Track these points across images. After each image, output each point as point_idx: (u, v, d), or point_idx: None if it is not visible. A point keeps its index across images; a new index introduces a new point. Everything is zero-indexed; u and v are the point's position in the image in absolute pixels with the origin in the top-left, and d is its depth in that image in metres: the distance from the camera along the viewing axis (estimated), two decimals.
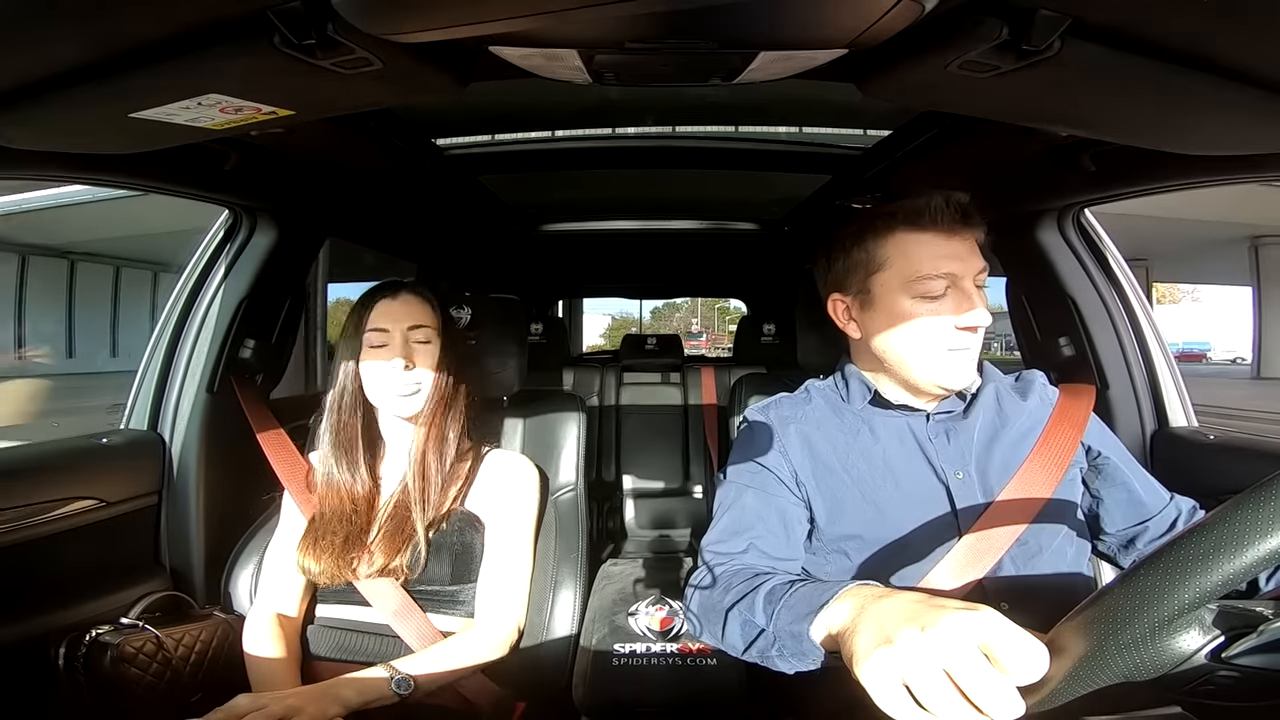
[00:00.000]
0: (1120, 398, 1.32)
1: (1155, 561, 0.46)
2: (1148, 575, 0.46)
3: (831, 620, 0.65)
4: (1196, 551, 0.45)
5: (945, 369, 0.91)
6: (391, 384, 1.09)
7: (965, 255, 0.90)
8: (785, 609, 0.73)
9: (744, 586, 0.83)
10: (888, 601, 0.60)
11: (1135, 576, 0.47)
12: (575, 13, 0.58)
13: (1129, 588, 0.47)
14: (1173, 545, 0.46)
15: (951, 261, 0.89)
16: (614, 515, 2.54)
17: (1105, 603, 0.48)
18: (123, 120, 0.77)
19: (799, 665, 0.72)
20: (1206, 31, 0.62)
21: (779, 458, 0.99)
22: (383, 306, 1.12)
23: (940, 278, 0.89)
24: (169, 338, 1.38)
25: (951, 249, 0.89)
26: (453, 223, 2.15)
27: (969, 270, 0.90)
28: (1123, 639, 0.46)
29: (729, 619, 0.82)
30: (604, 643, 1.08)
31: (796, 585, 0.76)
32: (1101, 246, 1.38)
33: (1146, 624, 0.45)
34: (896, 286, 0.91)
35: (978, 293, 0.90)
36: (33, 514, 1.09)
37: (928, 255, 0.89)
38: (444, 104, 0.89)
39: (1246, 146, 0.90)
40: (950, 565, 0.88)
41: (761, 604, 0.77)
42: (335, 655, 1.08)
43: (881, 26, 0.64)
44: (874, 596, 0.63)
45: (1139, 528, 0.98)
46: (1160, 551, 0.47)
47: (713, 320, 30.26)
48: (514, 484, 1.18)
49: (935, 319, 0.89)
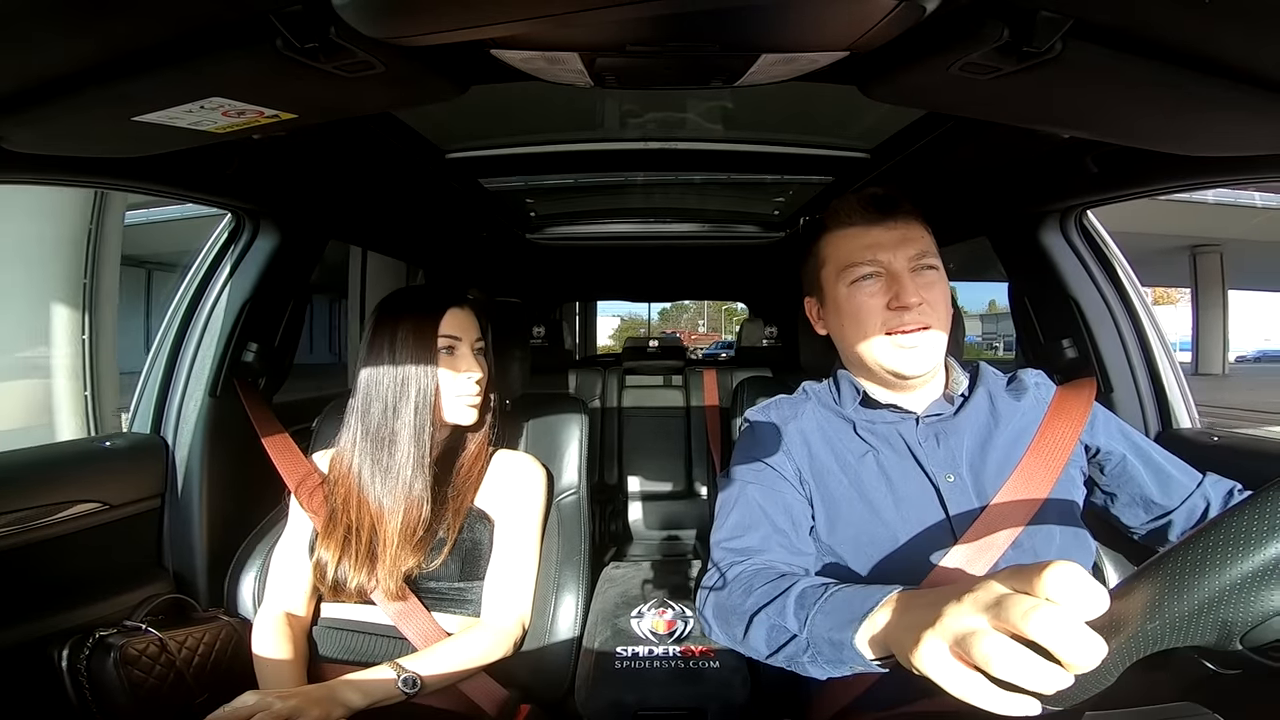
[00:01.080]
0: (1124, 399, 1.32)
1: (1261, 500, 0.42)
2: (1256, 510, 0.42)
3: (876, 625, 0.63)
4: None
5: (888, 352, 0.95)
6: (463, 393, 1.12)
7: (891, 242, 0.94)
8: (821, 615, 0.71)
9: (769, 589, 0.82)
10: (928, 595, 0.58)
11: (1239, 514, 0.42)
12: (576, 16, 0.58)
13: (1234, 521, 0.42)
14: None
15: (875, 249, 0.95)
16: (617, 518, 2.54)
17: (1203, 541, 0.42)
18: (125, 124, 0.77)
19: (833, 671, 0.71)
20: (1208, 32, 0.62)
21: (782, 456, 1.00)
22: (454, 316, 1.13)
23: (866, 264, 0.95)
24: (172, 341, 1.39)
25: (873, 238, 0.95)
26: (455, 226, 2.15)
27: (899, 255, 0.94)
28: (1217, 582, 0.41)
29: (753, 623, 0.81)
30: (606, 646, 1.08)
31: (831, 590, 0.73)
32: (1104, 248, 1.38)
33: (1250, 564, 0.41)
34: (834, 278, 0.99)
35: (915, 274, 0.94)
36: (36, 517, 1.09)
37: (853, 246, 0.97)
38: (447, 109, 0.89)
39: (1248, 147, 0.90)
40: (945, 570, 0.87)
41: (793, 609, 0.76)
42: (341, 656, 1.08)
43: (882, 29, 0.64)
44: (913, 596, 0.62)
45: (1161, 521, 0.98)
46: (1264, 491, 0.43)
47: (720, 322, 30.35)
48: (522, 482, 1.19)
49: (869, 300, 0.95)
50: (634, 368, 2.81)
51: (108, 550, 1.22)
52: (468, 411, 1.13)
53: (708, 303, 29.53)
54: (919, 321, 0.93)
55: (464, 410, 1.13)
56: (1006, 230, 1.47)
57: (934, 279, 0.95)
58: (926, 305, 0.93)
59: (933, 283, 0.95)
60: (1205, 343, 15.80)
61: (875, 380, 1.01)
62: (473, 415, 1.14)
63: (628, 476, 2.64)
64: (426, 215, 1.95)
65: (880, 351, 0.95)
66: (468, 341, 1.13)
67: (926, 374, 0.97)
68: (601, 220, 2.29)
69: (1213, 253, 13.23)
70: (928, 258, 0.95)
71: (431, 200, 1.78)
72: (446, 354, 1.11)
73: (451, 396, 1.12)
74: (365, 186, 1.53)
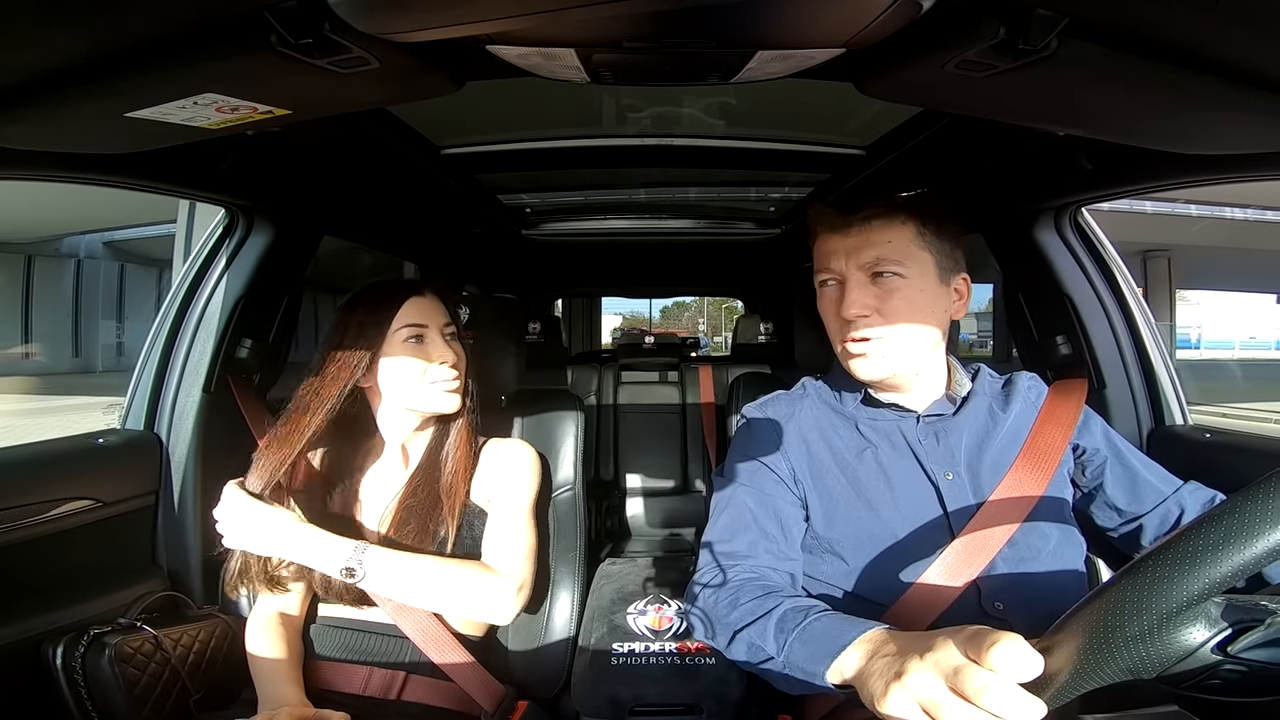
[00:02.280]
0: (1117, 396, 1.32)
1: (1163, 553, 0.46)
2: (1155, 566, 0.45)
3: (846, 666, 0.68)
4: (1205, 543, 0.44)
5: (846, 358, 0.97)
6: (439, 379, 1.10)
7: (845, 250, 0.95)
8: (799, 643, 0.75)
9: (754, 606, 0.84)
10: (895, 642, 0.64)
11: (1142, 568, 0.46)
12: (572, 12, 0.58)
13: (1136, 579, 0.46)
14: (1181, 537, 0.46)
15: (835, 257, 0.96)
16: (612, 514, 2.54)
17: (1111, 595, 0.47)
18: (118, 120, 0.77)
19: (803, 691, 0.75)
20: (1204, 31, 0.62)
21: (777, 455, 1.00)
22: (415, 304, 1.10)
23: (824, 271, 0.98)
24: (165, 337, 1.38)
25: (831, 245, 0.97)
26: (450, 222, 2.15)
27: (851, 263, 0.94)
28: (1129, 631, 0.45)
29: (736, 639, 0.84)
30: (602, 642, 1.08)
31: (811, 617, 0.77)
32: (1098, 245, 1.38)
33: (1153, 616, 0.45)
34: (816, 282, 1.01)
35: (874, 283, 0.93)
36: (28, 514, 1.09)
37: (819, 251, 0.99)
38: (443, 105, 0.89)
39: (1244, 146, 0.90)
40: (943, 566, 0.89)
41: (773, 633, 0.79)
42: (338, 654, 1.08)
43: (878, 26, 0.64)
44: (883, 640, 0.66)
45: (1134, 524, 0.98)
46: (1168, 543, 0.46)
47: (719, 319, 30.38)
48: (514, 464, 1.17)
49: (827, 308, 0.99)
50: (630, 364, 2.81)
51: (101, 547, 1.21)
52: (447, 398, 1.12)
53: (707, 301, 29.54)
54: (865, 332, 0.93)
55: (443, 397, 1.11)
56: (1001, 227, 1.47)
57: (894, 285, 0.93)
58: (877, 315, 0.92)
59: (892, 290, 0.93)
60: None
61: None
62: (454, 402, 1.13)
63: (624, 473, 2.64)
64: (422, 211, 1.94)
65: (841, 356, 0.98)
66: (435, 327, 1.11)
67: (888, 378, 0.97)
68: (597, 216, 2.28)
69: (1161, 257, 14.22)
70: (886, 264, 0.93)
71: (427, 196, 1.77)
72: (416, 343, 1.09)
73: (427, 384, 1.10)
74: (360, 182, 1.52)
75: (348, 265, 3.63)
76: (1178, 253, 13.52)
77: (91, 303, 14.21)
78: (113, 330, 15.01)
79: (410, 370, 1.09)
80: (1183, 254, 13.73)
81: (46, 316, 13.52)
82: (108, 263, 14.30)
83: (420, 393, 1.10)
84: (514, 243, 2.47)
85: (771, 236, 2.36)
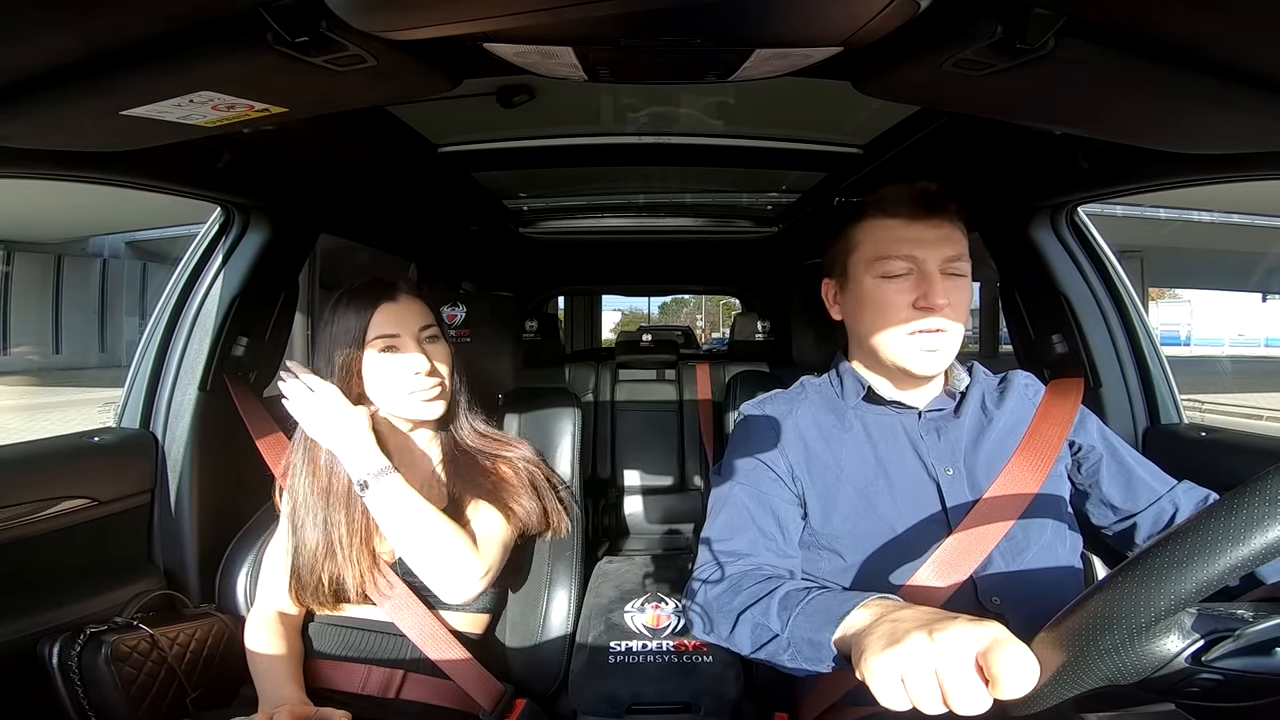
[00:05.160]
0: (1113, 394, 1.33)
1: (1133, 568, 0.47)
2: (1126, 581, 0.47)
3: (850, 624, 0.68)
4: (1172, 559, 0.45)
5: (907, 351, 0.94)
6: (417, 388, 1.07)
7: (930, 241, 0.93)
8: (802, 617, 0.76)
9: (756, 590, 0.85)
10: (906, 611, 0.64)
11: (1115, 583, 0.48)
12: (569, 10, 0.58)
13: (1109, 594, 0.48)
14: (1150, 551, 0.47)
15: (912, 245, 0.93)
16: (610, 512, 2.54)
17: (1086, 609, 0.49)
18: (114, 118, 0.76)
19: (809, 668, 0.75)
20: (1201, 30, 0.63)
21: (775, 453, 1.00)
22: (386, 311, 1.07)
23: (900, 259, 0.94)
24: (161, 335, 1.37)
25: (913, 233, 0.94)
26: (447, 220, 2.14)
27: (934, 255, 0.93)
28: (1103, 644, 0.47)
29: (739, 621, 0.84)
30: (600, 640, 1.09)
31: (813, 594, 0.78)
32: (1095, 244, 1.39)
33: (1126, 629, 0.46)
34: (864, 266, 0.97)
35: (945, 279, 0.93)
36: (23, 513, 1.08)
37: (890, 238, 0.95)
38: (440, 102, 0.89)
39: (1239, 145, 0.91)
40: (940, 561, 0.89)
41: (776, 610, 0.80)
42: (337, 653, 1.08)
43: (876, 24, 0.64)
44: (894, 606, 0.67)
45: (1128, 522, 0.99)
46: (1138, 558, 0.48)
47: (718, 317, 30.41)
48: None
49: (895, 297, 0.94)
50: (628, 361, 2.80)
51: (97, 546, 1.21)
52: (427, 407, 1.08)
53: (705, 299, 29.56)
54: (942, 324, 0.93)
55: (422, 407, 1.08)
56: (998, 226, 1.47)
57: (962, 284, 0.95)
58: (950, 308, 0.93)
59: (960, 286, 0.94)
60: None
61: (884, 374, 1.01)
62: (435, 409, 1.09)
63: (622, 470, 2.64)
64: (418, 209, 1.94)
65: (899, 348, 0.95)
66: (409, 334, 1.07)
67: (937, 373, 0.98)
68: (594, 215, 2.28)
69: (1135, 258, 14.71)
70: (960, 262, 0.94)
71: (423, 194, 1.77)
72: (390, 354, 1.06)
73: (404, 394, 1.06)
74: (357, 180, 1.52)
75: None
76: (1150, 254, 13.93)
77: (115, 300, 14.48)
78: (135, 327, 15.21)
79: (386, 382, 1.06)
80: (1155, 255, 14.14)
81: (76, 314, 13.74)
82: (130, 262, 14.57)
83: (400, 403, 1.08)
84: (511, 241, 2.46)
85: (769, 235, 2.36)
